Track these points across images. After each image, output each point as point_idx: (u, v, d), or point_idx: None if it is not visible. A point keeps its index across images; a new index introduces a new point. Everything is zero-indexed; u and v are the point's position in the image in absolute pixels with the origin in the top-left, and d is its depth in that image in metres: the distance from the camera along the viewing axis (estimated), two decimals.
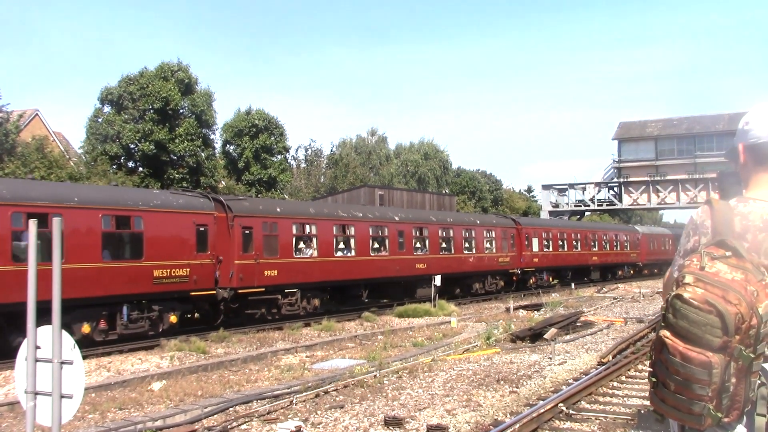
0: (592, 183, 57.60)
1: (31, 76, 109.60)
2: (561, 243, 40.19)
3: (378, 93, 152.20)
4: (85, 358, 5.56)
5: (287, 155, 47.50)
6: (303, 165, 55.13)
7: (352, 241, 25.15)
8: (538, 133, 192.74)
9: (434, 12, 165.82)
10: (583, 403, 10.24)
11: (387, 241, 26.74)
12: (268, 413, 9.94)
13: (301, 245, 23.07)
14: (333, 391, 11.34)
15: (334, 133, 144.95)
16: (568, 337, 18.02)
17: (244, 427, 9.34)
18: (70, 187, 19.14)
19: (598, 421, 9.21)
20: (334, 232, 24.42)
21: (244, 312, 21.11)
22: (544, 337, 17.53)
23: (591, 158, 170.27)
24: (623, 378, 12.20)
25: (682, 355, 1.87)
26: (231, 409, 10.18)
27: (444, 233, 30.12)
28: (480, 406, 10.24)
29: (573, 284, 38.96)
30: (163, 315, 18.29)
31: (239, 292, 20.37)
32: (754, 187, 2.22)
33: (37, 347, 4.60)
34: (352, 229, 25.19)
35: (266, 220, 21.55)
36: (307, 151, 56.56)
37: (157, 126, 34.42)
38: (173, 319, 18.50)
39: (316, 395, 11.01)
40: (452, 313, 24.19)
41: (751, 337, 1.87)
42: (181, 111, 35.97)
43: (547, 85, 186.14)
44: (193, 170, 35.87)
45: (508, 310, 25.50)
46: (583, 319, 21.34)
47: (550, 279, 39.90)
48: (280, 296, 21.70)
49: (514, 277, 35.54)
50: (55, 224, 4.57)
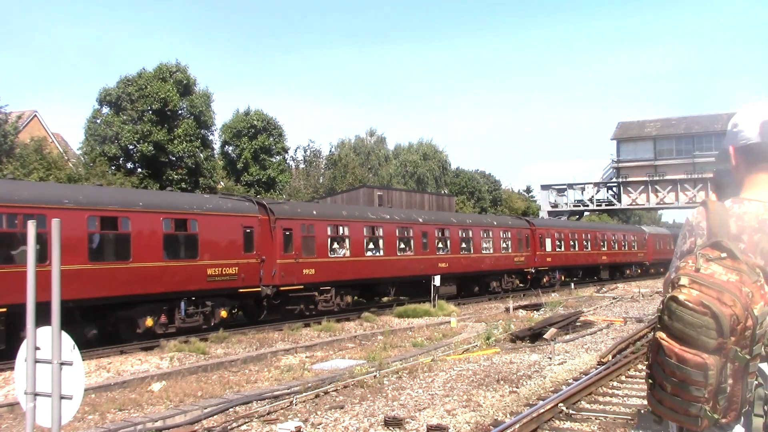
0: (591, 183, 57.64)
1: (30, 77, 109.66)
2: (572, 243, 41.59)
3: (377, 93, 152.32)
4: (84, 359, 5.56)
5: (286, 156, 47.48)
6: (302, 166, 55.06)
7: (381, 242, 26.59)
8: (537, 134, 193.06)
9: (433, 12, 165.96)
10: (583, 403, 10.24)
11: (412, 242, 28.14)
12: (268, 414, 9.93)
13: (335, 246, 24.46)
14: (333, 391, 11.34)
15: (333, 133, 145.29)
16: (567, 337, 18.03)
17: (243, 427, 9.33)
18: (136, 193, 21.12)
19: (598, 421, 9.21)
20: (365, 233, 25.83)
21: (284, 308, 22.51)
22: (544, 337, 17.54)
23: (590, 158, 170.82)
24: (623, 378, 12.21)
25: (677, 357, 1.86)
26: (231, 410, 10.17)
27: (464, 234, 31.56)
28: (480, 406, 10.24)
29: (573, 284, 39.14)
30: (215, 310, 19.72)
31: (281, 289, 21.83)
32: (749, 188, 2.22)
33: (37, 348, 4.58)
34: (381, 231, 26.64)
35: (304, 222, 23.00)
36: (305, 151, 56.56)
37: (156, 127, 34.35)
38: (223, 314, 20.01)
39: (316, 396, 11.01)
40: (452, 314, 24.18)
41: (747, 338, 1.86)
42: (180, 112, 35.90)
43: (546, 86, 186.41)
44: (192, 171, 35.81)
45: (507, 310, 25.52)
46: (582, 318, 21.35)
47: (562, 277, 41.14)
48: (316, 293, 23.18)
49: (529, 276, 36.81)
50: (54, 226, 4.54)
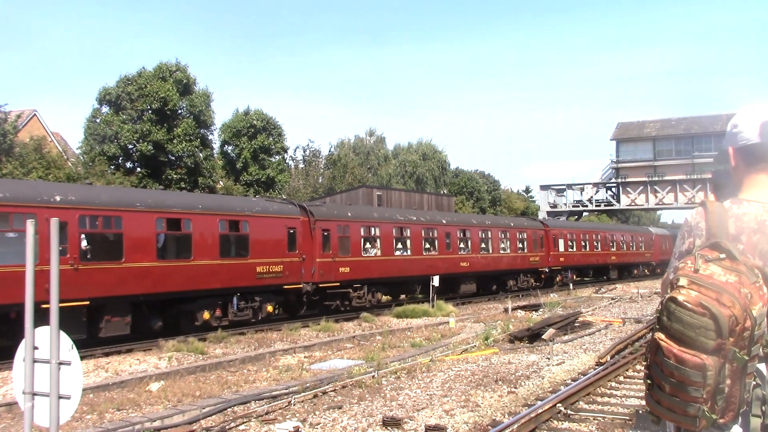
0: (590, 183, 57.65)
1: (30, 76, 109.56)
2: (583, 244, 43.34)
3: (376, 93, 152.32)
4: (83, 358, 5.56)
5: (285, 156, 47.54)
6: (301, 165, 55.08)
7: (408, 242, 28.15)
8: (537, 134, 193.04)
9: (433, 12, 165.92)
10: (581, 403, 10.24)
11: (436, 242, 29.61)
12: (267, 414, 9.94)
13: (368, 245, 25.99)
14: (331, 391, 11.34)
15: (333, 133, 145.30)
16: (566, 338, 18.03)
17: (242, 427, 9.33)
18: (196, 197, 22.85)
19: (596, 422, 9.21)
20: (394, 234, 27.36)
21: (323, 303, 24.04)
22: (543, 337, 17.54)
23: (589, 159, 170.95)
24: (621, 378, 12.21)
25: (676, 358, 1.87)
26: (229, 410, 10.17)
27: (483, 234, 33.11)
28: (478, 406, 10.24)
29: (571, 284, 39.25)
30: (262, 305, 21.05)
31: (320, 286, 23.30)
32: (748, 189, 2.22)
33: (35, 348, 4.58)
34: (408, 231, 28.21)
35: (340, 223, 24.45)
36: (305, 151, 56.60)
37: (156, 126, 34.35)
38: (270, 308, 21.40)
39: (315, 396, 11.00)
40: (450, 314, 24.17)
41: (746, 339, 1.87)
42: (180, 111, 35.90)
43: (545, 86, 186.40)
44: (192, 171, 35.81)
45: (506, 311, 25.53)
46: (581, 319, 21.35)
47: (574, 277, 42.88)
48: (351, 290, 24.66)
49: (543, 275, 38.22)
50: (53, 225, 4.52)
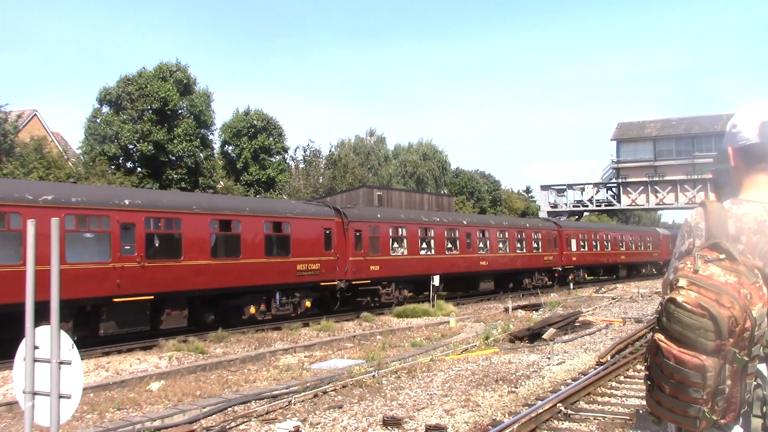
0: (591, 183, 57.63)
1: (30, 76, 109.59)
2: (594, 244, 44.77)
3: (376, 93, 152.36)
4: (83, 358, 5.56)
5: (286, 156, 47.51)
6: (301, 165, 55.03)
7: (432, 242, 29.53)
8: (537, 134, 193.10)
9: (433, 12, 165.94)
10: (581, 403, 10.24)
11: (458, 242, 31.05)
12: (267, 413, 9.94)
13: (395, 245, 27.49)
14: (331, 391, 11.34)
15: (333, 133, 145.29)
16: (566, 337, 18.02)
17: (242, 427, 9.33)
18: (244, 200, 25.28)
19: (596, 422, 9.21)
20: (419, 234, 28.77)
21: (355, 300, 25.45)
22: (543, 337, 17.54)
23: (589, 159, 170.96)
24: (622, 378, 12.21)
25: (676, 359, 1.86)
26: (229, 410, 10.18)
27: (501, 235, 34.49)
28: (478, 406, 10.24)
29: (572, 284, 39.29)
30: (302, 301, 22.51)
31: (352, 283, 24.85)
32: (748, 189, 2.21)
33: (36, 347, 4.58)
34: (432, 232, 29.59)
35: (371, 224, 26.01)
36: (305, 151, 56.52)
37: (156, 126, 34.34)
38: (308, 303, 22.77)
39: (315, 395, 11.01)
40: (450, 313, 24.19)
41: (745, 339, 1.86)
42: (180, 111, 35.89)
43: (546, 86, 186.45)
44: (192, 171, 35.80)
45: (506, 310, 25.53)
46: (581, 319, 21.34)
47: (585, 276, 44.36)
48: (380, 287, 26.14)
49: (556, 274, 39.67)
50: (54, 225, 4.52)
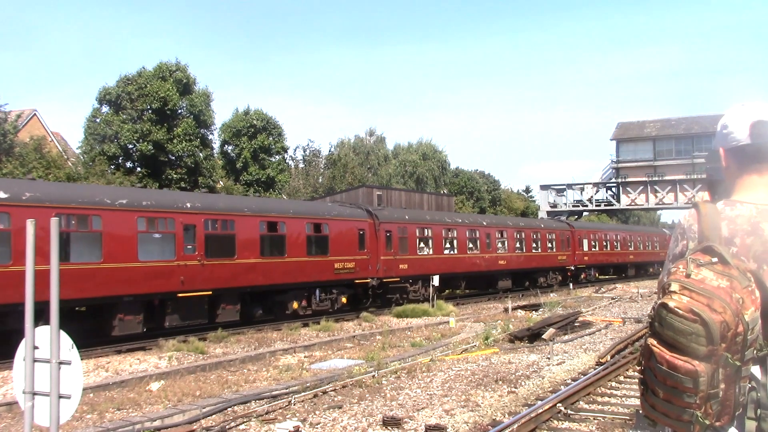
0: (590, 183, 57.61)
1: (30, 75, 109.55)
2: (605, 244, 46.28)
3: (376, 93, 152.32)
4: (83, 358, 5.55)
5: (285, 155, 47.55)
6: (301, 165, 55.07)
7: (455, 242, 31.06)
8: (537, 134, 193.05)
9: (433, 12, 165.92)
10: (581, 403, 10.25)
11: (478, 242, 32.57)
12: (267, 413, 9.94)
13: (422, 245, 28.93)
14: (331, 391, 11.35)
15: (333, 133, 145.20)
16: (566, 338, 18.03)
17: (242, 427, 9.33)
18: (288, 203, 27.43)
19: (596, 422, 9.21)
20: (443, 235, 30.18)
21: (385, 296, 26.91)
22: (543, 337, 17.53)
23: (589, 159, 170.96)
24: (621, 378, 12.21)
25: (668, 364, 1.86)
26: (229, 410, 10.18)
27: (518, 235, 35.89)
28: (478, 406, 10.24)
29: (571, 284, 39.32)
30: (338, 297, 24.05)
31: (383, 280, 26.38)
32: (740, 190, 2.19)
33: (36, 347, 4.58)
34: (455, 232, 31.09)
35: (400, 225, 27.69)
36: (305, 151, 56.59)
37: (156, 126, 34.33)
38: (344, 299, 24.30)
39: (315, 395, 11.01)
40: (450, 314, 24.19)
41: (738, 344, 1.85)
42: (180, 111, 35.88)
43: (545, 86, 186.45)
44: (192, 170, 35.79)
45: (506, 310, 25.53)
46: (581, 319, 21.35)
47: (597, 275, 45.99)
48: (408, 284, 27.53)
49: (569, 273, 40.85)
50: (53, 225, 4.52)
